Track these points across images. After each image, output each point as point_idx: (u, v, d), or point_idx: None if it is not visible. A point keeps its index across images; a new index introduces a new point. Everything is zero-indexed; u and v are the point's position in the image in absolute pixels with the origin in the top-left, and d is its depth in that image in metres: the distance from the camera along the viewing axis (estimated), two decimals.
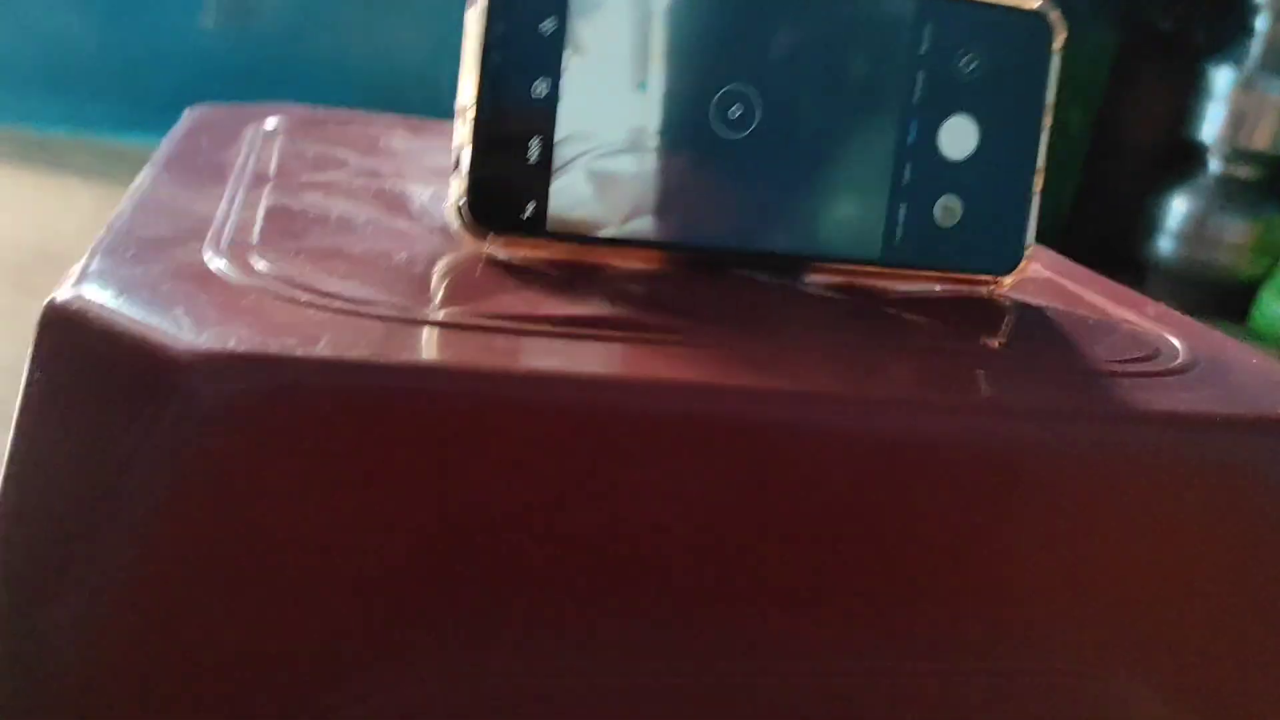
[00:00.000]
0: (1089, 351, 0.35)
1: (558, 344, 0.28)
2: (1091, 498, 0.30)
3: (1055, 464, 0.30)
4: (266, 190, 0.37)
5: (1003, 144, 0.38)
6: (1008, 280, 0.39)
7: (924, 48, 0.37)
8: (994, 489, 0.30)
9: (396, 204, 0.38)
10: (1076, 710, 0.33)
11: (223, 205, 0.35)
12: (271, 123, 0.47)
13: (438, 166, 0.43)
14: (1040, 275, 0.43)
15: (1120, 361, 0.34)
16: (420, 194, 0.40)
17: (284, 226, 0.34)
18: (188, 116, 0.47)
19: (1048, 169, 0.38)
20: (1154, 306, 0.41)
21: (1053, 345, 0.35)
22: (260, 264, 0.30)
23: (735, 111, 0.36)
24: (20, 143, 2.09)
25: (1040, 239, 0.39)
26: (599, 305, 0.31)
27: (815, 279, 0.38)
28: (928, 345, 0.34)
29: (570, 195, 0.35)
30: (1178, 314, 0.41)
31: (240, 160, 0.41)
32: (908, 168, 0.37)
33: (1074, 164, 2.63)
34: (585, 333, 0.29)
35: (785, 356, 0.30)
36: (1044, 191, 0.38)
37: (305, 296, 0.28)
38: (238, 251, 0.31)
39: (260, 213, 0.35)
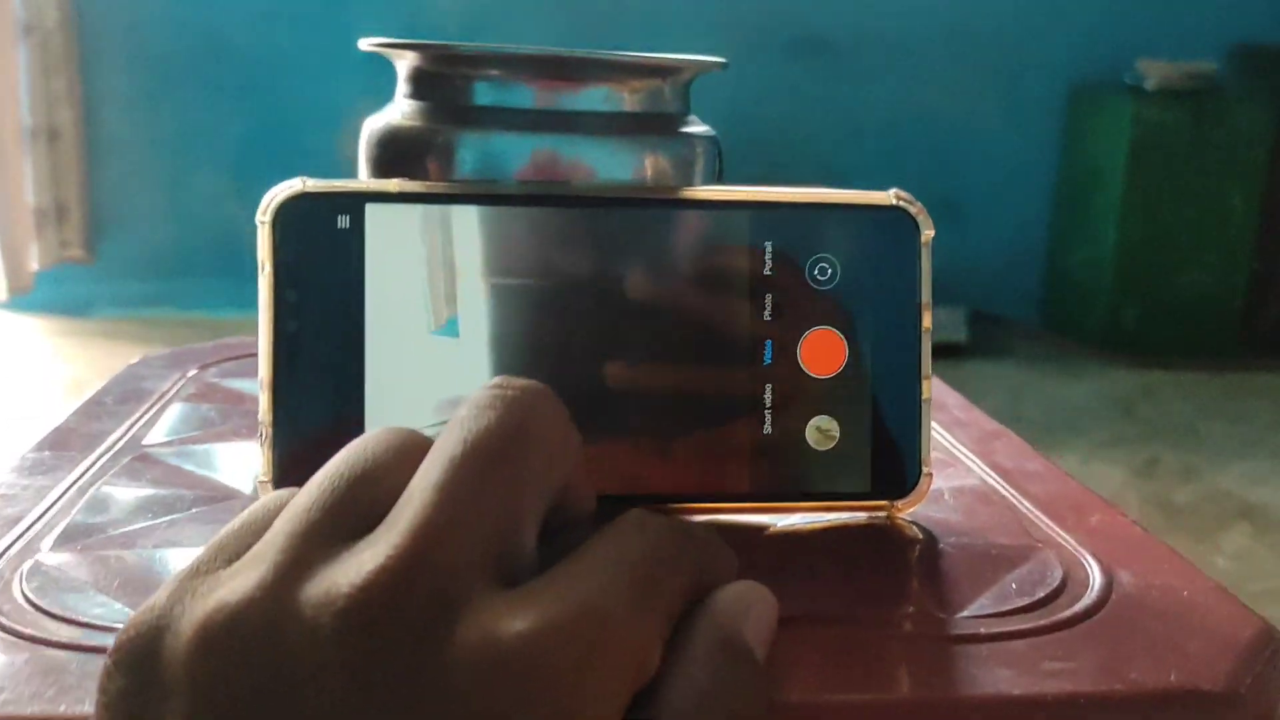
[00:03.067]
0: (965, 599, 0.30)
1: None
2: None
3: None
4: (114, 471, 0.37)
5: (876, 353, 0.34)
6: (906, 503, 0.34)
7: (768, 267, 0.34)
8: None
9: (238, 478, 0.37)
10: None
11: (55, 492, 0.35)
12: (189, 375, 0.47)
13: None
14: (965, 480, 0.38)
15: (1000, 614, 0.29)
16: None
17: (93, 521, 0.33)
18: (123, 371, 0.48)
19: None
20: (1101, 515, 0.36)
21: (922, 593, 0.30)
22: (21, 580, 0.29)
23: None
24: (198, 328, 2.24)
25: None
26: None
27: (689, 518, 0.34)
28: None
29: None
30: (1127, 526, 0.35)
31: (122, 429, 0.41)
32: (768, 391, 0.34)
33: (1243, 248, 2.46)
34: None
35: None
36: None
37: (33, 631, 0.27)
38: (13, 563, 0.30)
39: (81, 502, 0.34)
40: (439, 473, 0.21)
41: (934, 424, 0.44)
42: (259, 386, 0.32)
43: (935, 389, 0.47)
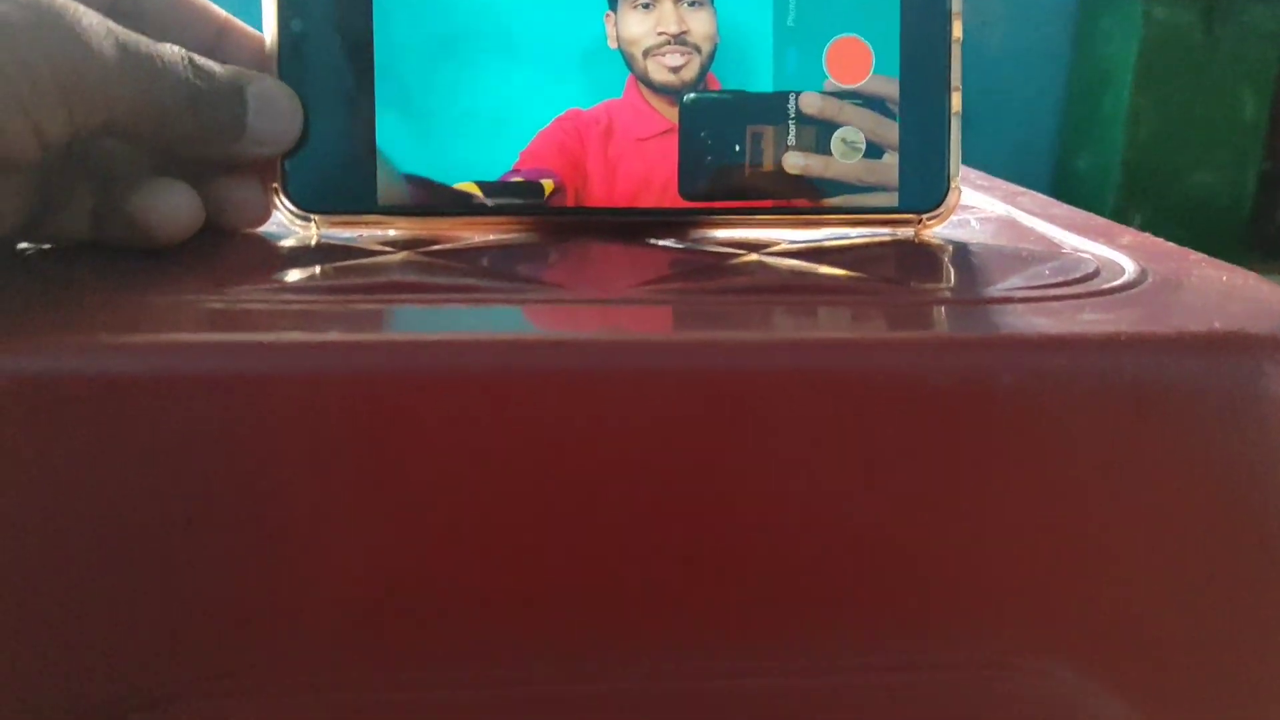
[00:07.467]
0: (1000, 280, 0.29)
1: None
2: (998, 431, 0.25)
3: (938, 399, 0.25)
4: None
5: (904, 63, 0.33)
6: (933, 218, 0.33)
7: None
8: (885, 427, 0.25)
9: None
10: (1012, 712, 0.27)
11: None
12: None
13: None
14: (992, 211, 0.37)
15: (1035, 287, 0.28)
16: None
17: None
18: None
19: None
20: (1132, 236, 0.35)
21: (958, 278, 0.30)
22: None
23: None
24: None
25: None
26: (459, 275, 0.28)
27: (705, 234, 0.33)
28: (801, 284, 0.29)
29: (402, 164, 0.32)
30: (1159, 241, 0.34)
31: None
32: (792, 100, 0.33)
33: (1253, 148, 2.43)
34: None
35: (699, 309, 0.27)
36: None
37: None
38: None
39: None
40: None
41: None
42: None
43: None
